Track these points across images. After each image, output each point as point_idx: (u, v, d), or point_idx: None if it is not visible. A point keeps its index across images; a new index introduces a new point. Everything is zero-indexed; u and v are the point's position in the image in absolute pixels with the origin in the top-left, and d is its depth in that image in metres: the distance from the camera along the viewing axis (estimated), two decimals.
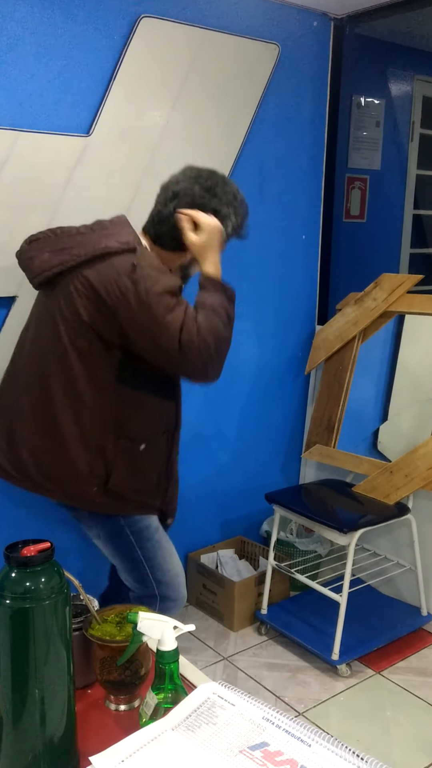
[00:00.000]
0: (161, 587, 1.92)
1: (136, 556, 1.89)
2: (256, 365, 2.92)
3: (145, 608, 1.06)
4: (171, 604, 1.95)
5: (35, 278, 1.78)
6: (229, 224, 1.81)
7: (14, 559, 0.85)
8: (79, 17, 2.15)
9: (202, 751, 0.83)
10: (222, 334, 1.77)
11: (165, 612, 1.91)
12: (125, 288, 1.65)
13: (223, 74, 2.51)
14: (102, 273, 1.67)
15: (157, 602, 1.93)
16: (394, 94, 3.37)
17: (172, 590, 1.94)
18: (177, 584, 1.95)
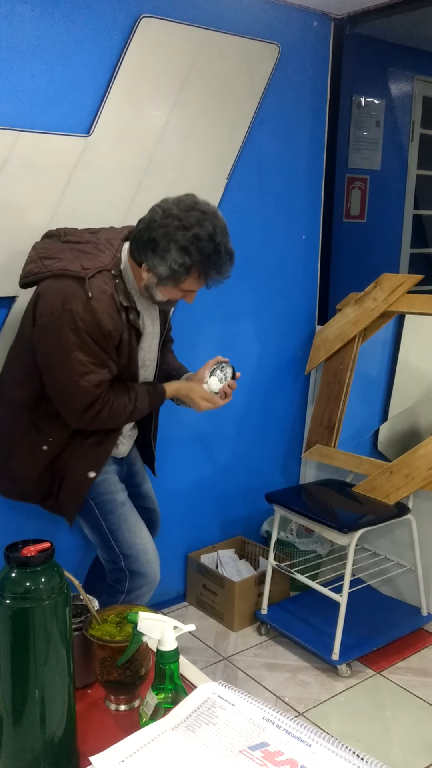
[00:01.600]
0: (128, 561, 1.97)
1: (102, 529, 1.96)
2: (257, 365, 2.92)
3: (145, 608, 1.06)
4: (141, 581, 1.98)
5: (20, 279, 1.88)
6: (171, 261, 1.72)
7: (14, 559, 0.85)
8: (80, 17, 2.15)
9: (202, 751, 0.83)
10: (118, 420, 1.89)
11: (136, 590, 1.96)
12: (54, 311, 1.73)
13: (223, 74, 2.51)
14: (49, 290, 1.76)
15: (126, 578, 1.98)
16: (395, 94, 3.37)
17: (140, 565, 1.97)
18: (145, 560, 1.98)
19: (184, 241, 1.70)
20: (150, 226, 1.73)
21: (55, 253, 1.82)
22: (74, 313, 1.71)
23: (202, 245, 1.71)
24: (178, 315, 2.53)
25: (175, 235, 1.70)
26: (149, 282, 1.80)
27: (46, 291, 1.77)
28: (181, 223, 1.70)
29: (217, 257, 1.74)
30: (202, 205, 1.75)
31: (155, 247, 1.72)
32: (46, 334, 1.76)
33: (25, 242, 2.15)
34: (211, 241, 1.71)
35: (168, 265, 1.72)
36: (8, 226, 2.12)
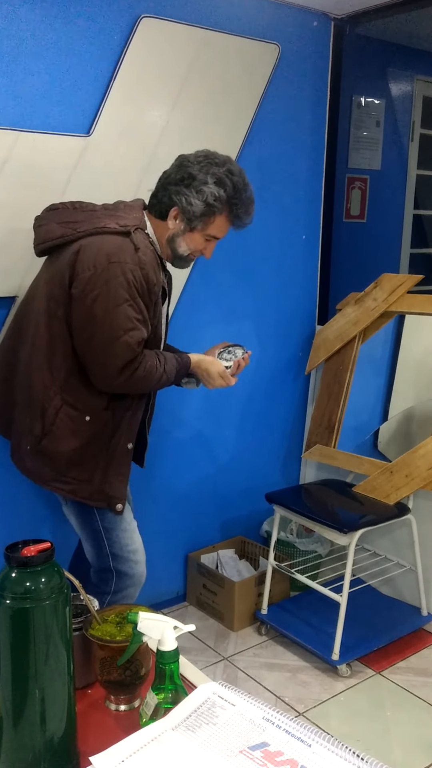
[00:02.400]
0: (116, 561, 1.93)
1: (96, 526, 1.91)
2: (257, 365, 2.92)
3: (146, 608, 1.06)
4: (128, 581, 1.95)
5: (37, 246, 1.83)
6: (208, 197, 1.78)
7: (14, 559, 0.85)
8: (80, 18, 2.15)
9: (202, 751, 0.83)
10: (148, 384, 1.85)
11: (122, 591, 1.93)
12: (99, 264, 1.70)
13: (223, 74, 2.51)
14: (91, 246, 1.73)
15: (113, 578, 1.94)
16: (395, 94, 3.37)
17: (129, 566, 1.94)
18: (134, 561, 1.95)
19: (221, 173, 1.78)
20: (183, 165, 1.80)
21: (80, 218, 1.79)
22: (123, 265, 1.69)
23: (235, 179, 1.80)
24: (179, 315, 2.53)
25: (211, 168, 1.78)
26: (176, 230, 1.83)
27: (87, 247, 1.72)
28: (213, 160, 1.80)
29: (245, 194, 1.83)
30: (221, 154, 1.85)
31: (191, 181, 1.78)
32: (90, 289, 1.70)
33: (25, 242, 2.16)
34: (240, 176, 1.82)
35: (204, 199, 1.78)
36: (8, 226, 2.12)
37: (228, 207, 1.82)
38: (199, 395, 2.73)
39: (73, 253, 1.73)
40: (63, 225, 1.80)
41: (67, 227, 1.78)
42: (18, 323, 1.95)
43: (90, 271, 1.70)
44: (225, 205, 1.82)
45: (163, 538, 2.77)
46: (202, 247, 1.89)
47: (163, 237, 1.86)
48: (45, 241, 1.81)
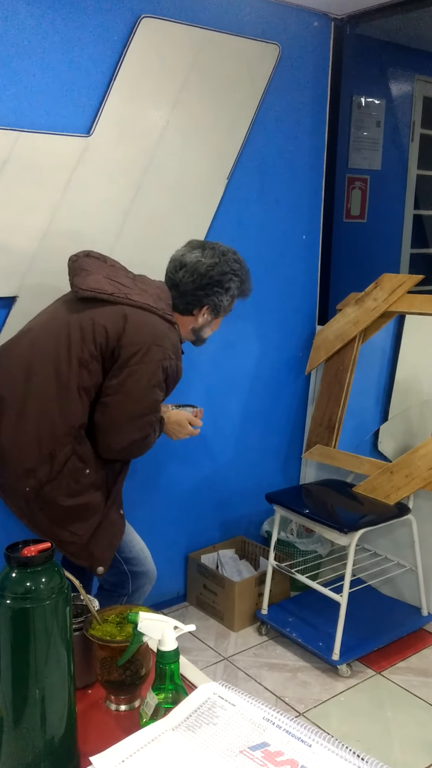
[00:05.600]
0: (130, 564, 1.97)
1: None
2: (257, 365, 2.92)
3: (146, 608, 1.06)
4: (143, 579, 2.00)
5: (85, 291, 1.85)
6: (232, 291, 2.01)
7: (15, 560, 0.85)
8: (80, 18, 2.15)
9: (202, 751, 0.83)
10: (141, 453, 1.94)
11: (140, 590, 1.98)
12: (146, 342, 1.79)
13: (223, 74, 2.51)
14: (139, 320, 1.82)
15: (128, 579, 1.97)
16: (395, 94, 3.37)
17: (141, 564, 1.99)
18: (143, 557, 2.01)
19: (237, 271, 2.00)
20: (200, 272, 1.95)
21: (126, 283, 1.91)
22: (164, 351, 1.82)
23: (242, 266, 2.03)
24: None
25: (228, 267, 1.97)
26: (203, 323, 2.04)
27: (135, 320, 1.81)
28: (222, 258, 1.97)
29: (249, 274, 2.07)
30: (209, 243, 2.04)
31: (219, 284, 1.97)
32: (132, 363, 1.79)
33: (25, 242, 2.16)
34: (241, 260, 2.04)
35: (230, 294, 2.01)
36: (8, 226, 2.12)
37: (241, 292, 2.06)
38: (199, 395, 2.73)
39: (119, 318, 1.81)
40: (113, 284, 1.88)
41: (117, 287, 1.87)
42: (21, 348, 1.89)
43: (137, 347, 1.79)
44: (240, 292, 2.06)
45: (164, 538, 2.77)
46: (217, 326, 2.11)
47: (186, 327, 2.03)
48: (94, 290, 1.85)
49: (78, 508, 1.84)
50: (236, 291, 2.02)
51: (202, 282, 1.96)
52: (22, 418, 1.80)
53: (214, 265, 1.96)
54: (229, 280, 1.98)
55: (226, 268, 1.97)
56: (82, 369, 1.80)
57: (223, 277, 1.97)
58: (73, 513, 1.84)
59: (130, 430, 1.83)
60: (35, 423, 1.80)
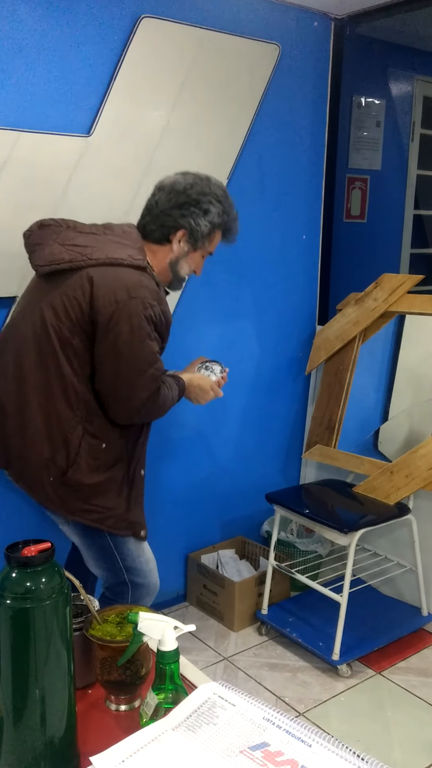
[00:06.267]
0: (131, 573, 1.92)
1: (105, 543, 1.88)
2: (257, 365, 2.92)
3: (146, 608, 1.06)
4: (143, 591, 1.95)
5: (42, 267, 1.78)
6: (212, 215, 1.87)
7: (15, 560, 0.85)
8: (80, 18, 2.15)
9: (202, 751, 0.83)
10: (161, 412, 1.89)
11: (138, 602, 1.92)
12: (120, 299, 1.70)
13: (223, 74, 2.51)
14: (106, 277, 1.72)
15: (128, 590, 1.93)
16: (395, 94, 3.37)
17: (143, 577, 1.94)
18: (148, 570, 1.95)
19: (218, 193, 1.88)
20: (178, 191, 1.84)
21: (84, 243, 1.78)
22: (144, 301, 1.71)
23: (227, 197, 1.90)
24: (179, 315, 2.53)
25: (208, 189, 1.86)
26: (180, 253, 1.89)
27: (103, 279, 1.71)
28: (204, 181, 1.86)
29: (234, 209, 1.94)
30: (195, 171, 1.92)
31: (197, 204, 1.84)
32: (114, 324, 1.70)
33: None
34: (226, 193, 1.91)
35: (211, 219, 1.87)
36: (8, 226, 2.12)
37: (224, 224, 1.91)
38: None
39: (85, 282, 1.71)
40: (69, 249, 1.77)
41: (74, 251, 1.75)
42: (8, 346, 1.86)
43: (113, 307, 1.70)
44: (223, 222, 1.91)
45: (164, 538, 2.77)
46: (197, 265, 1.97)
47: (164, 261, 1.90)
48: (51, 263, 1.76)
49: (106, 483, 1.83)
50: (217, 219, 1.87)
51: (179, 200, 1.84)
52: (26, 413, 1.78)
53: (193, 184, 1.85)
54: (208, 202, 1.85)
55: (207, 189, 1.86)
56: (66, 348, 1.74)
57: (202, 197, 1.85)
58: (103, 488, 1.83)
59: (135, 390, 1.76)
60: (40, 415, 1.77)
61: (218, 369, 2.12)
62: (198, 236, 1.88)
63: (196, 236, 1.88)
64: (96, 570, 1.95)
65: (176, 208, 1.85)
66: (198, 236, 1.88)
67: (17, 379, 1.79)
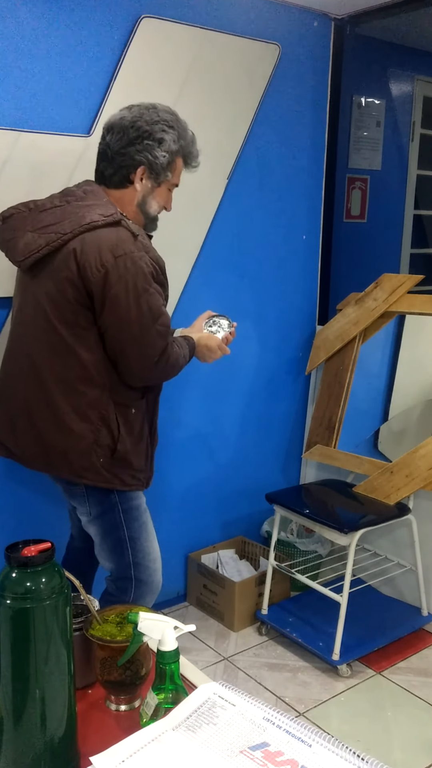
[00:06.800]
0: (137, 570, 1.93)
1: (122, 535, 1.90)
2: (257, 365, 2.92)
3: (146, 609, 1.06)
4: (146, 589, 1.96)
5: (23, 261, 1.73)
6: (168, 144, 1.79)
7: (15, 560, 0.85)
8: (80, 18, 2.15)
9: (202, 751, 0.83)
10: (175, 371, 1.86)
11: (140, 599, 1.93)
12: (107, 262, 1.65)
13: (223, 74, 2.51)
14: (87, 245, 1.66)
15: (131, 586, 1.94)
16: (395, 94, 3.37)
17: (148, 574, 1.95)
18: (153, 569, 1.97)
19: (168, 118, 1.79)
20: (127, 126, 1.76)
21: (53, 220, 1.71)
22: (131, 255, 1.66)
23: (179, 121, 1.82)
24: (179, 315, 2.53)
25: (157, 116, 1.77)
26: (144, 191, 1.82)
27: (85, 247, 1.65)
28: (150, 110, 1.78)
29: (190, 131, 1.86)
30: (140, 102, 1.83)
31: (149, 136, 1.76)
32: (108, 289, 1.66)
33: None
34: (177, 116, 1.83)
35: (167, 148, 1.78)
36: None
37: (182, 150, 1.84)
38: (199, 394, 2.73)
39: (69, 257, 1.66)
40: (40, 232, 1.71)
41: (46, 233, 1.69)
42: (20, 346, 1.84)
43: (101, 271, 1.65)
44: (180, 149, 1.83)
45: (164, 538, 2.75)
46: (166, 201, 1.88)
47: (131, 204, 1.83)
48: (31, 253, 1.70)
49: (141, 446, 1.87)
50: (174, 145, 1.79)
51: (130, 136, 1.76)
52: (55, 408, 1.76)
53: (140, 116, 1.76)
54: (161, 130, 1.77)
55: (155, 117, 1.77)
56: (75, 330, 1.71)
57: (153, 127, 1.76)
58: (139, 452, 1.86)
59: (144, 349, 1.73)
60: (69, 405, 1.75)
61: (226, 324, 2.09)
62: (159, 169, 1.80)
63: (157, 170, 1.80)
64: (106, 562, 1.96)
65: (129, 145, 1.77)
66: (159, 169, 1.80)
67: (36, 376, 1.78)
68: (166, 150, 1.78)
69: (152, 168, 1.79)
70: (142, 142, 1.76)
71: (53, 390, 1.76)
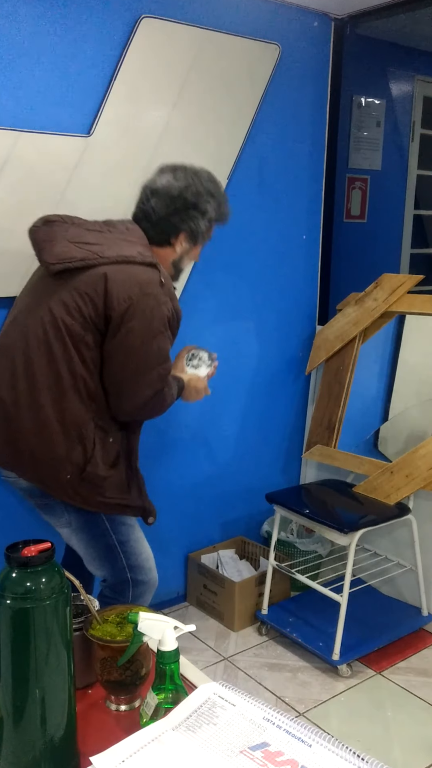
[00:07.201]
0: (133, 571, 1.93)
1: (110, 542, 1.89)
2: (257, 365, 2.92)
3: (146, 608, 1.06)
4: (144, 588, 1.97)
5: (54, 265, 1.76)
6: (210, 213, 1.90)
7: (15, 560, 0.85)
8: (80, 18, 2.15)
9: (202, 751, 0.83)
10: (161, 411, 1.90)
11: (139, 598, 1.94)
12: (134, 296, 1.72)
13: (223, 74, 2.51)
14: (120, 275, 1.73)
15: (129, 588, 1.94)
16: (395, 94, 3.37)
17: (144, 574, 1.96)
18: (148, 567, 1.97)
19: (210, 187, 1.89)
20: (173, 196, 1.85)
21: (94, 240, 1.79)
22: (157, 297, 1.73)
23: (218, 187, 1.93)
24: None
25: (202, 187, 1.87)
26: (182, 252, 1.93)
27: (116, 276, 1.72)
28: (195, 179, 1.87)
29: (225, 196, 1.97)
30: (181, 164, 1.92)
31: (195, 207, 1.87)
32: (127, 320, 1.71)
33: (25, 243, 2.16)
34: (216, 181, 1.94)
35: (208, 218, 1.90)
36: (8, 226, 2.12)
37: (219, 215, 1.95)
38: None
39: (99, 279, 1.71)
40: (80, 247, 1.77)
41: (85, 250, 1.75)
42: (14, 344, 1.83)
43: (126, 303, 1.70)
44: (218, 215, 1.95)
45: (164, 538, 2.77)
46: (197, 255, 2.01)
47: (166, 260, 1.92)
48: (63, 261, 1.74)
49: (118, 475, 1.85)
50: (214, 214, 1.91)
51: (176, 206, 1.85)
52: (40, 412, 1.76)
53: (188, 186, 1.85)
54: (205, 201, 1.87)
55: (201, 188, 1.86)
56: (79, 344, 1.74)
57: (199, 199, 1.86)
58: (116, 480, 1.85)
59: (142, 387, 1.77)
60: (53, 412, 1.76)
61: (206, 356, 2.13)
62: (198, 235, 1.92)
63: (197, 235, 1.91)
64: (98, 570, 1.95)
65: (174, 215, 1.86)
66: (198, 235, 1.92)
67: (28, 377, 1.77)
68: (207, 219, 1.91)
69: (193, 234, 1.91)
70: (187, 212, 1.87)
71: (43, 394, 1.76)
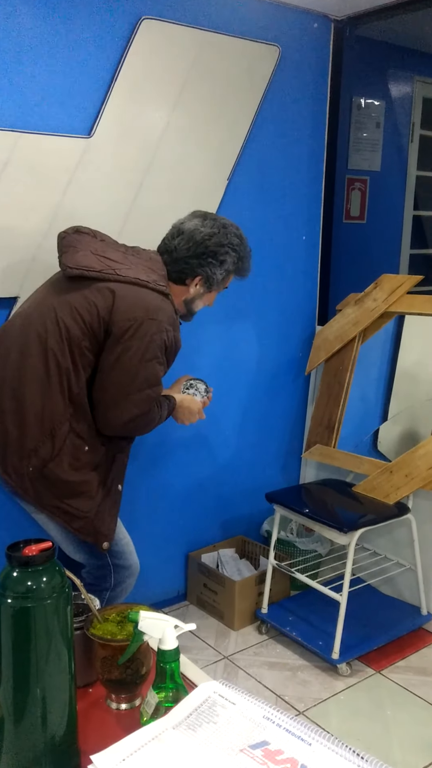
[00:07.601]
0: (113, 557, 1.95)
1: None
2: (257, 365, 2.93)
3: (147, 607, 1.06)
4: (125, 573, 1.98)
5: (72, 269, 1.82)
6: (227, 265, 1.98)
7: (16, 559, 0.86)
8: (81, 19, 2.15)
9: (202, 749, 0.84)
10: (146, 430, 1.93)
11: (121, 584, 1.96)
12: (138, 317, 1.77)
13: (223, 76, 2.51)
14: (129, 294, 1.80)
15: (110, 573, 1.96)
16: (394, 95, 3.38)
17: (125, 559, 1.98)
18: (129, 552, 2.00)
19: (235, 243, 1.97)
20: (197, 241, 1.93)
21: (116, 258, 1.87)
22: (159, 324, 1.79)
23: (242, 243, 2.00)
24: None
25: (226, 239, 1.94)
26: (195, 294, 2.00)
27: (125, 294, 1.79)
28: (222, 230, 1.94)
29: (250, 253, 2.04)
30: (213, 214, 2.01)
31: (214, 255, 1.94)
32: (127, 339, 1.77)
33: (25, 244, 2.17)
34: (243, 238, 2.01)
35: (225, 268, 1.97)
36: (9, 227, 2.12)
37: (237, 269, 2.03)
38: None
39: (108, 292, 1.79)
40: (101, 259, 1.84)
41: (105, 264, 1.83)
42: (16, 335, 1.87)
43: (129, 323, 1.76)
44: (237, 269, 2.02)
45: (164, 538, 2.78)
46: (211, 301, 2.08)
47: (179, 298, 1.98)
48: (81, 267, 1.81)
49: (82, 484, 1.85)
50: (232, 266, 1.99)
51: (197, 251, 1.93)
52: (22, 400, 1.80)
53: (212, 235, 1.93)
54: (225, 253, 1.95)
55: (224, 240, 1.94)
56: (75, 348, 1.79)
57: (219, 249, 1.94)
58: (77, 488, 1.85)
59: (128, 405, 1.81)
60: (35, 404, 1.80)
61: (203, 388, 2.19)
62: (213, 282, 1.99)
63: (212, 282, 1.98)
64: (77, 555, 1.97)
65: (194, 258, 1.93)
66: (213, 282, 1.99)
67: (20, 367, 1.81)
68: (225, 269, 1.98)
69: (208, 280, 1.98)
70: (206, 259, 1.94)
71: (31, 386, 1.80)
